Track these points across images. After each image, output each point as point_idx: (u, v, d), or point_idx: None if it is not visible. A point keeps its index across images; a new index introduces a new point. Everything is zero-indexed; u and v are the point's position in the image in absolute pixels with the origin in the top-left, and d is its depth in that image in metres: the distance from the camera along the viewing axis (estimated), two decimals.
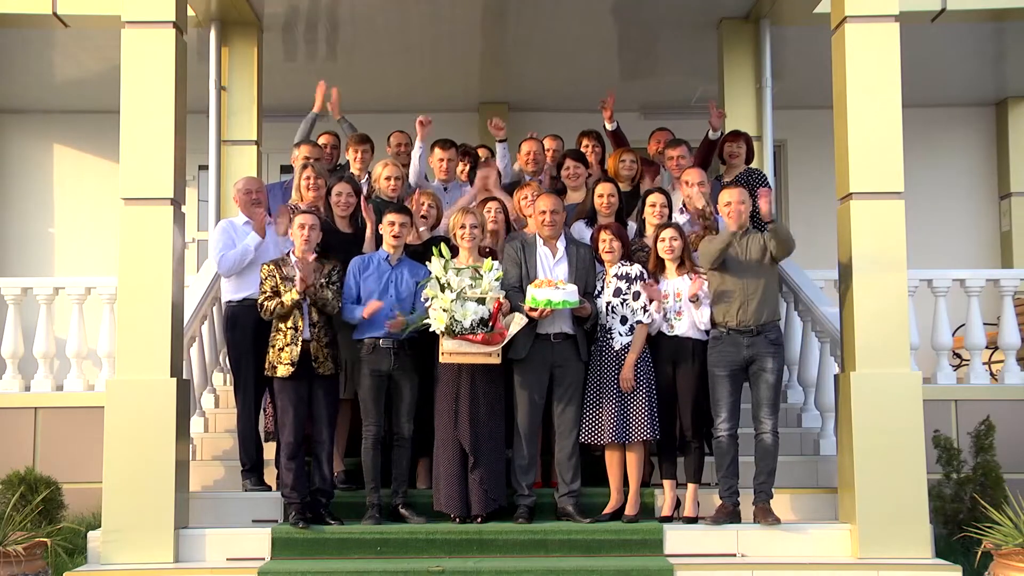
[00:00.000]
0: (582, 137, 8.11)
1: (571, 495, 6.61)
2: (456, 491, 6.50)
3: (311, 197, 7.19)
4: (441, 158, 7.84)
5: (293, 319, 6.47)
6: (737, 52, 9.38)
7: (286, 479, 6.46)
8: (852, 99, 6.57)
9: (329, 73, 10.58)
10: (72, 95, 11.09)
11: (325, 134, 8.18)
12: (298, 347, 6.42)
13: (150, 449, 6.29)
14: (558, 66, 10.55)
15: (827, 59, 6.92)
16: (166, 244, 6.45)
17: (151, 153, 6.49)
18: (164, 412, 6.33)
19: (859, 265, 6.49)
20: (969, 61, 10.61)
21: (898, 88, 6.54)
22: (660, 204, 6.97)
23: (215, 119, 9.13)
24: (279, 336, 6.50)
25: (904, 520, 6.27)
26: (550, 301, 6.36)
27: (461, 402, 6.51)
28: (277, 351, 6.48)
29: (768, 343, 6.46)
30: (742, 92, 9.33)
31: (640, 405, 6.51)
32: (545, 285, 6.40)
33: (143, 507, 6.24)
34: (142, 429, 6.30)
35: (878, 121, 6.53)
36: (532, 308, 6.42)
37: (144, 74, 6.52)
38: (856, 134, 6.55)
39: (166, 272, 6.44)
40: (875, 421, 6.35)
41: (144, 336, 6.38)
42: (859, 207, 6.53)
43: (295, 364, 6.40)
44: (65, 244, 11.62)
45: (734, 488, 6.49)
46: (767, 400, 6.45)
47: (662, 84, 10.98)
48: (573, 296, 6.42)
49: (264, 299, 6.52)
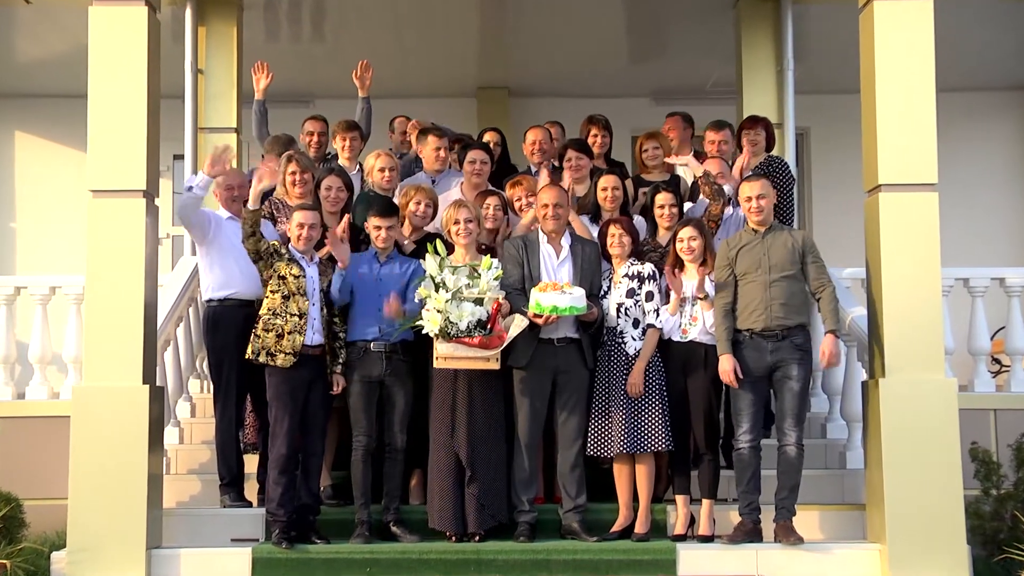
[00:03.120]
0: (589, 124, 8.07)
1: (576, 511, 6.60)
2: (452, 507, 6.49)
3: (298, 193, 7.18)
4: (437, 147, 7.81)
5: (297, 302, 6.44)
6: (756, 32, 9.39)
7: (273, 494, 6.44)
8: (881, 83, 6.55)
9: (315, 55, 10.65)
10: (35, 78, 11.09)
11: (311, 119, 8.14)
12: (303, 335, 6.41)
13: (120, 462, 6.27)
14: (562, 48, 10.56)
15: (854, 39, 6.91)
16: (138, 240, 6.43)
17: (121, 141, 6.47)
18: (135, 422, 6.32)
19: (889, 263, 6.48)
20: (1005, 41, 10.59)
21: (931, 70, 6.53)
22: (669, 204, 6.96)
23: (191, 105, 9.15)
24: (276, 320, 6.44)
25: (938, 540, 6.25)
26: (556, 307, 6.34)
27: (457, 411, 6.51)
28: (275, 336, 6.43)
29: (794, 348, 6.45)
30: (761, 76, 9.36)
31: (652, 413, 6.51)
32: (550, 289, 6.38)
33: (112, 525, 6.22)
34: (111, 440, 6.28)
35: (910, 107, 6.51)
36: (537, 314, 6.41)
37: (114, 55, 6.51)
38: (885, 121, 6.53)
39: (138, 270, 6.42)
40: (906, 432, 6.34)
41: (114, 339, 6.37)
42: (888, 200, 6.52)
43: (297, 354, 6.38)
44: (28, 240, 11.61)
45: (755, 504, 6.48)
46: (792, 410, 6.44)
47: (675, 67, 11.00)
48: (581, 301, 6.41)
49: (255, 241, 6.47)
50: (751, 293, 6.49)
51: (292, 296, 6.46)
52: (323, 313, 6.56)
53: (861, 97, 6.77)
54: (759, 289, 6.47)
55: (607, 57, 10.65)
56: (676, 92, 11.27)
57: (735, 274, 6.55)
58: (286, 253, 6.54)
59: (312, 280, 6.54)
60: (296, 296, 6.46)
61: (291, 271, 6.48)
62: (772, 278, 6.48)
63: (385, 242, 6.69)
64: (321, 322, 6.53)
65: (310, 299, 6.50)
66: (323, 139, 8.08)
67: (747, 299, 6.51)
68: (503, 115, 11.18)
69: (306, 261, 6.58)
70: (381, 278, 6.64)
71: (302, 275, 6.49)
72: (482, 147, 7.63)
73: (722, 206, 7.02)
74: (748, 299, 6.50)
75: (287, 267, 6.49)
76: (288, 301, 6.46)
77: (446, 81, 11.25)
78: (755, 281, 6.50)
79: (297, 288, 6.46)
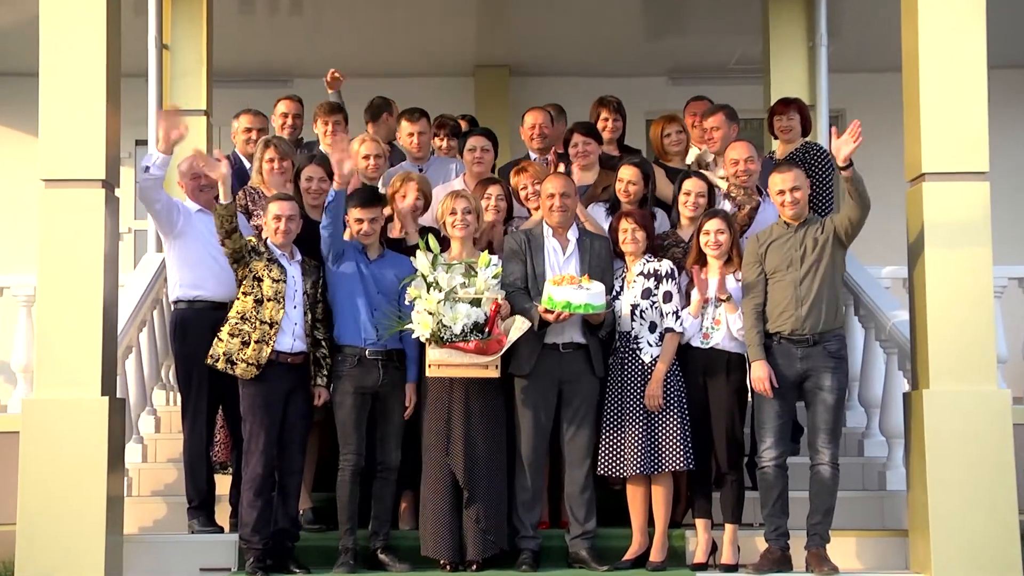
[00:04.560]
0: (599, 107, 8.02)
1: (585, 537, 6.58)
2: (447, 532, 6.47)
3: (278, 183, 7.15)
4: (411, 132, 7.80)
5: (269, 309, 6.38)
6: (786, 4, 9.39)
7: (248, 518, 6.42)
8: (926, 60, 6.53)
9: (294, 29, 10.60)
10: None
11: (286, 100, 8.11)
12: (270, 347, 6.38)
13: (76, 483, 6.23)
14: (568, 22, 10.59)
15: (895, 12, 6.88)
16: (96, 235, 6.40)
17: (77, 125, 6.43)
18: (93, 438, 6.28)
19: (933, 261, 6.46)
20: None
21: (982, 44, 6.49)
22: (696, 192, 6.91)
23: (155, 84, 9.11)
24: (244, 326, 6.39)
25: (990, 569, 6.22)
26: (570, 303, 6.29)
27: (453, 424, 6.48)
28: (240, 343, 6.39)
29: (827, 355, 6.41)
30: (791, 53, 9.36)
31: (671, 428, 6.49)
32: (566, 283, 6.32)
33: (66, 553, 6.18)
34: (65, 459, 6.25)
35: (958, 86, 6.48)
36: (548, 310, 6.33)
37: (68, 29, 6.46)
38: (930, 102, 6.51)
39: (96, 268, 6.40)
40: (954, 449, 6.31)
41: (69, 346, 6.34)
42: (934, 190, 6.50)
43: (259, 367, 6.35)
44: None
45: (783, 529, 6.46)
46: (825, 425, 6.41)
47: (695, 44, 11.05)
48: (599, 299, 6.35)
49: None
50: (780, 292, 6.48)
51: (265, 302, 6.41)
52: (307, 318, 6.50)
53: (903, 76, 6.74)
54: (789, 288, 6.45)
55: (618, 32, 10.66)
56: (696, 71, 11.31)
57: (765, 272, 6.50)
58: (265, 252, 6.48)
59: (293, 281, 6.49)
60: (269, 303, 6.41)
61: (270, 274, 6.42)
62: (803, 275, 6.45)
63: (369, 237, 6.63)
64: (304, 328, 6.50)
65: (290, 303, 6.46)
66: (298, 122, 8.05)
67: (776, 299, 6.49)
68: (503, 96, 11.21)
69: (287, 259, 6.52)
70: (372, 277, 6.61)
71: (282, 279, 6.43)
72: (484, 133, 7.62)
73: (749, 212, 6.98)
74: (777, 299, 6.48)
75: (265, 268, 6.43)
76: (260, 307, 6.42)
77: (440, 59, 11.28)
78: (784, 280, 6.47)
79: (274, 294, 6.41)
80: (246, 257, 6.42)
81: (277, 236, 6.49)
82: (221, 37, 9.52)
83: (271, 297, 6.42)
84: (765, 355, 6.41)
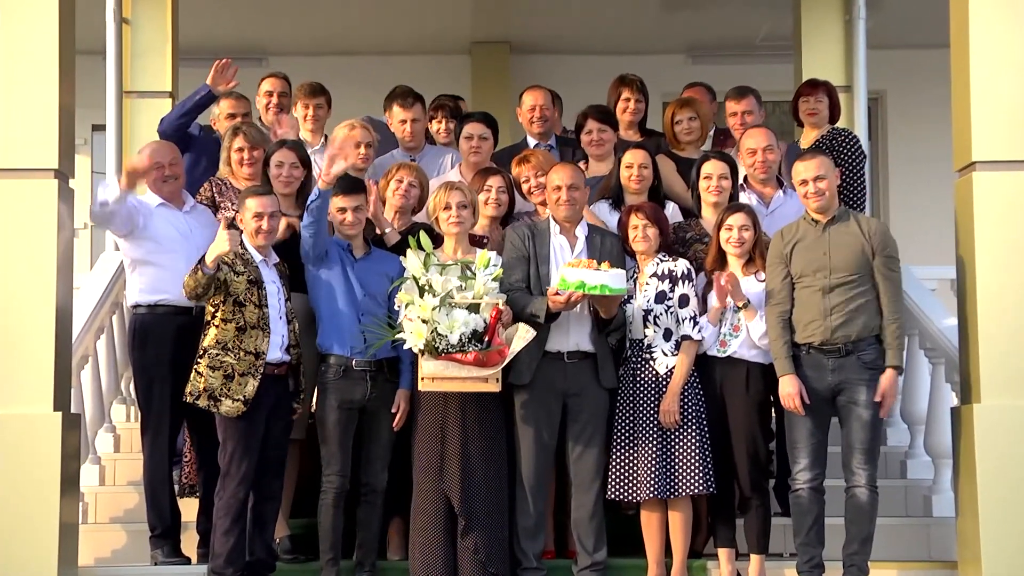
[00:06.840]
0: (620, 86, 8.02)
1: (594, 569, 6.60)
2: (441, 563, 6.49)
3: (247, 174, 7.18)
4: (403, 119, 7.82)
5: (254, 338, 6.38)
6: None
7: (221, 548, 6.42)
8: (976, 36, 6.54)
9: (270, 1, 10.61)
10: None
11: (271, 77, 8.15)
12: (257, 380, 6.36)
13: (24, 508, 6.24)
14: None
15: None
16: (48, 231, 6.43)
17: (27, 108, 6.45)
18: (44, 458, 6.29)
19: (985, 260, 6.48)
20: None
21: None
22: (718, 175, 6.92)
23: (114, 63, 9.16)
24: (227, 357, 6.39)
25: None
26: (584, 283, 6.26)
27: (448, 443, 6.50)
28: (223, 377, 6.38)
29: (861, 367, 6.43)
30: (825, 28, 9.41)
31: (689, 448, 6.51)
32: (583, 267, 6.33)
33: None
34: (13, 481, 6.26)
35: (1013, 65, 6.50)
36: (558, 292, 6.32)
37: (16, 2, 6.48)
38: (981, 83, 6.52)
39: (48, 268, 6.42)
40: (1009, 471, 6.33)
41: (17, 355, 6.35)
42: (985, 180, 6.52)
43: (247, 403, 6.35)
44: None
45: (817, 560, 6.48)
46: (861, 444, 6.43)
47: (717, 17, 11.06)
48: (618, 281, 6.33)
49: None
50: (809, 299, 6.49)
51: (248, 330, 6.38)
52: (290, 327, 6.55)
53: (951, 54, 6.77)
54: (817, 294, 6.47)
55: (632, 4, 10.64)
56: (718, 48, 11.36)
57: (791, 275, 6.52)
58: (240, 262, 6.40)
59: (276, 288, 6.49)
60: (253, 331, 6.38)
61: (252, 298, 6.37)
62: (833, 282, 6.45)
63: (353, 228, 6.66)
64: (290, 337, 6.53)
65: (274, 313, 6.45)
66: (284, 102, 8.09)
67: (804, 306, 6.50)
68: (502, 75, 11.24)
69: (266, 265, 6.51)
70: (358, 278, 6.64)
71: (264, 303, 6.39)
72: (482, 118, 7.64)
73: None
74: (805, 306, 6.49)
75: (246, 292, 6.36)
76: (243, 335, 6.38)
77: (435, 35, 11.33)
78: (813, 285, 6.49)
79: (258, 320, 6.38)
80: (223, 280, 6.34)
81: (259, 237, 6.46)
82: (187, 10, 9.55)
83: (255, 325, 6.38)
84: (794, 368, 6.44)
